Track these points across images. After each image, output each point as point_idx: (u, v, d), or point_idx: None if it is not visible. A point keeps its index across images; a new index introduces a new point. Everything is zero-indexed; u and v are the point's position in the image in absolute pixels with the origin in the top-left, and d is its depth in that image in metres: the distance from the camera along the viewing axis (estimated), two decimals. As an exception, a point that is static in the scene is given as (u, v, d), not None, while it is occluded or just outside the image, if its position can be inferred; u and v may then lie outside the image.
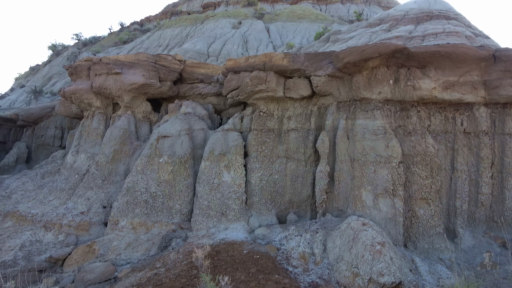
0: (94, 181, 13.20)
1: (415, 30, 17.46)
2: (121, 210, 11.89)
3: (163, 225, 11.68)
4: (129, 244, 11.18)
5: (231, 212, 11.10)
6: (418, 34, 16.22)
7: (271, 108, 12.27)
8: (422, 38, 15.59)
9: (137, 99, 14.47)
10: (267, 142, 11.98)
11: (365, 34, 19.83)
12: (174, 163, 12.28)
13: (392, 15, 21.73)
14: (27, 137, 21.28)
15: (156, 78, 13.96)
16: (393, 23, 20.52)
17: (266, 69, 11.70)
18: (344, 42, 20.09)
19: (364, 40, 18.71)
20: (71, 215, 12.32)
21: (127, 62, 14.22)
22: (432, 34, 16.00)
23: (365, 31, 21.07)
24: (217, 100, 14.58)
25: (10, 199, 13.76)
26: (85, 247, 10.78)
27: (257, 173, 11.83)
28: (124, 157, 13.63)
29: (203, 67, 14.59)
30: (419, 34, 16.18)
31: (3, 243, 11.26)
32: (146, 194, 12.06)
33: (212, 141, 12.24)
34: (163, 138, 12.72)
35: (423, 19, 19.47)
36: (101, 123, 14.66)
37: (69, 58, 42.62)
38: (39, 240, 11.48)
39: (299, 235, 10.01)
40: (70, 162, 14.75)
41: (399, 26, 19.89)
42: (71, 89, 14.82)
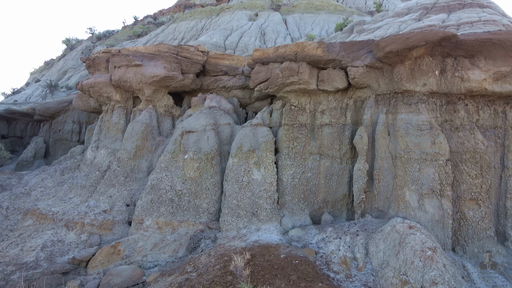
0: (116, 178, 12.66)
1: (448, 19, 16.49)
2: (146, 209, 11.34)
3: (190, 224, 11.10)
4: (155, 244, 10.62)
5: (262, 212, 10.45)
6: (452, 23, 15.28)
7: (302, 102, 11.54)
8: (457, 27, 14.65)
9: (159, 92, 13.86)
10: (299, 137, 11.27)
11: (393, 24, 18.88)
12: (200, 160, 11.66)
13: (421, 4, 20.70)
14: (44, 132, 20.92)
15: (178, 70, 13.32)
16: (423, 12, 19.52)
17: (298, 59, 10.96)
18: (371, 33, 19.18)
19: (393, 30, 17.79)
20: (93, 213, 11.81)
21: (147, 53, 13.60)
22: (467, 23, 15.03)
23: (392, 20, 20.10)
24: (242, 93, 13.89)
25: (29, 196, 13.32)
26: (109, 247, 10.26)
27: (289, 170, 11.13)
28: (146, 153, 13.05)
29: (227, 59, 13.89)
30: (453, 23, 15.24)
31: (24, 243, 10.81)
32: (171, 192, 11.48)
33: (240, 136, 11.58)
34: (188, 133, 12.10)
35: (455, 8, 18.45)
36: (121, 118, 14.10)
37: (83, 52, 42.33)
38: (61, 240, 11.00)
39: (338, 237, 9.31)
40: (90, 158, 14.25)
41: (430, 15, 18.90)
42: (89, 82, 14.28)
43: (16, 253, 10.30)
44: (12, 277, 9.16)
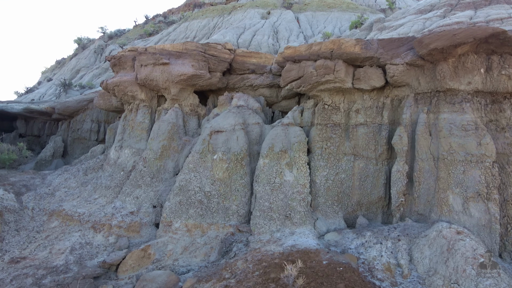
0: (142, 178, 12.40)
1: (476, 16, 15.99)
2: (174, 211, 11.06)
3: (219, 227, 10.79)
4: (185, 248, 10.33)
5: (296, 215, 10.11)
6: (481, 20, 14.79)
7: (336, 101, 11.17)
8: (486, 24, 14.16)
9: (185, 91, 13.57)
10: (332, 138, 10.90)
11: (417, 21, 18.42)
12: (229, 160, 11.34)
13: (445, 1, 20.20)
14: (63, 131, 20.75)
15: (205, 69, 13.01)
16: (447, 9, 19.02)
17: (334, 57, 10.59)
18: (393, 30, 18.73)
19: (417, 27, 17.32)
20: (120, 215, 11.56)
21: (174, 51, 13.31)
22: (496, 19, 14.54)
23: (416, 17, 19.64)
24: (270, 92, 13.55)
25: (54, 196, 13.11)
26: (139, 251, 9.99)
27: (322, 172, 10.78)
28: (172, 153, 12.77)
29: (254, 57, 13.55)
30: (482, 20, 14.75)
31: (52, 245, 10.58)
32: (200, 193, 11.19)
33: (271, 136, 11.24)
34: (216, 133, 11.79)
35: (481, 4, 17.94)
36: (146, 117, 13.83)
37: (96, 51, 42.25)
38: (89, 243, 10.75)
39: (379, 242, 8.93)
40: (114, 158, 14.01)
41: (455, 11, 18.41)
42: (114, 81, 14.03)
43: (45, 256, 10.07)
44: (44, 281, 8.93)
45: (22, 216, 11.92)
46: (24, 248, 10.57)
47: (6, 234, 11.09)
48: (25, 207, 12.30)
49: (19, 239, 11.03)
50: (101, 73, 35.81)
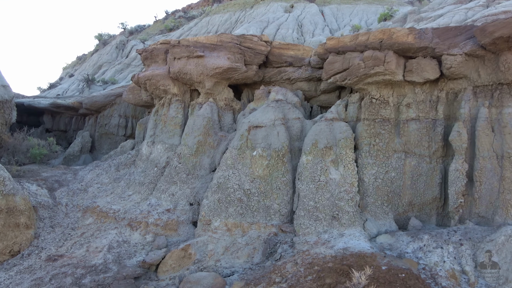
0: (177, 175, 11.99)
1: (524, 5, 14.99)
2: (213, 209, 10.60)
3: (261, 227, 10.29)
4: (227, 248, 9.87)
5: (344, 216, 9.52)
6: (530, 9, 13.82)
7: (384, 94, 10.50)
8: (537, 13, 13.19)
9: (219, 85, 13.09)
10: (381, 134, 10.25)
11: (458, 11, 17.48)
12: (269, 157, 10.82)
13: (486, -10, 19.17)
14: (90, 126, 20.58)
15: (241, 62, 12.50)
16: (489, -2, 18.04)
17: (383, 48, 9.92)
18: (432, 21, 17.85)
19: (459, 17, 16.41)
20: (156, 212, 11.18)
21: (208, 44, 12.83)
22: (546, 8, 13.58)
23: (456, 7, 18.69)
24: (308, 85, 12.95)
25: (86, 192, 12.84)
26: (180, 251, 9.57)
27: (371, 170, 10.15)
28: (208, 149, 12.32)
29: (292, 49, 12.96)
30: (531, 9, 13.77)
31: (88, 243, 10.27)
32: (239, 191, 10.71)
33: (314, 132, 10.66)
34: (255, 128, 11.27)
35: (526, -7, 16.85)
36: (179, 112, 13.41)
37: (117, 46, 42.19)
38: (126, 241, 10.40)
39: (439, 247, 8.28)
40: (146, 154, 13.64)
41: (499, 0, 17.44)
42: (146, 75, 13.64)
43: (83, 254, 9.75)
44: (84, 281, 8.59)
45: (56, 212, 11.66)
46: (60, 246, 10.29)
47: (42, 231, 10.84)
48: (59, 203, 12.05)
49: (54, 236, 10.76)
50: (123, 69, 35.70)
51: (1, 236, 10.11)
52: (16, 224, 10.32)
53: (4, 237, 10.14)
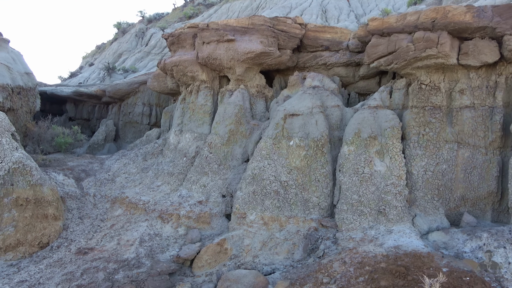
0: (208, 165, 11.44)
1: None
2: (247, 202, 10.04)
3: (299, 221, 9.69)
4: (264, 243, 9.31)
5: (392, 211, 8.81)
6: None
7: (435, 80, 9.65)
8: None
9: (250, 71, 12.41)
10: (431, 122, 9.44)
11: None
12: (308, 147, 10.15)
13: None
14: (113, 114, 20.24)
15: (275, 46, 11.77)
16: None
17: (436, 28, 9.05)
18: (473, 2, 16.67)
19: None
20: (188, 204, 10.68)
21: (239, 27, 12.12)
22: None
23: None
24: (346, 71, 12.16)
25: (114, 182, 12.44)
26: (215, 245, 9.05)
27: (420, 161, 9.38)
28: (240, 138, 11.72)
29: (329, 32, 12.15)
30: None
31: (119, 236, 9.85)
32: (275, 183, 10.09)
33: (356, 120, 9.92)
34: (291, 116, 10.59)
35: None
36: (208, 99, 12.81)
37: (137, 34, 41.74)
38: (158, 234, 9.95)
39: (501, 246, 7.52)
40: (174, 143, 13.14)
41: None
42: (173, 61, 13.05)
43: (114, 247, 9.34)
44: (117, 276, 8.16)
45: (84, 203, 11.30)
46: (90, 238, 9.91)
47: (70, 222, 10.48)
48: (86, 193, 11.68)
49: (83, 227, 10.40)
50: (143, 57, 35.29)
51: (30, 228, 9.78)
52: (44, 215, 9.98)
53: (32, 228, 9.82)
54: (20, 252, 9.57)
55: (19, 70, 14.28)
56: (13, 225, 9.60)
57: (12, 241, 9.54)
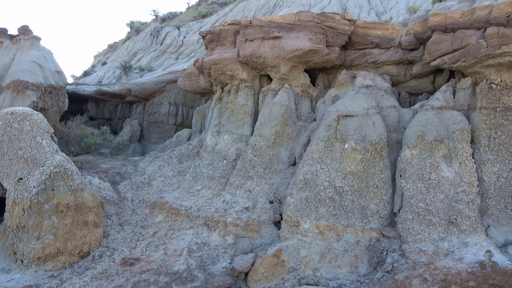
0: (253, 169, 10.80)
1: None
2: (300, 209, 9.39)
3: (357, 230, 9.01)
4: (322, 255, 8.65)
5: (464, 221, 8.11)
6: None
7: (506, 79, 8.94)
8: None
9: (295, 69, 11.76)
10: (503, 125, 8.73)
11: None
12: (364, 150, 9.48)
13: None
14: (138, 114, 19.68)
15: (323, 43, 11.11)
16: None
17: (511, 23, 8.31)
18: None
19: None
20: (234, 211, 10.05)
21: (284, 23, 11.48)
22: None
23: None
24: (397, 69, 11.47)
25: (151, 186, 11.84)
26: (271, 257, 8.41)
27: (491, 167, 8.67)
28: (286, 141, 11.06)
29: (379, 28, 11.46)
30: None
31: (164, 245, 9.24)
32: (330, 189, 9.43)
33: (419, 122, 9.23)
34: (345, 117, 9.92)
35: None
36: (248, 99, 12.18)
37: (152, 33, 41.24)
38: (206, 243, 9.32)
39: None
40: (211, 144, 12.51)
41: None
42: (212, 59, 12.42)
43: (161, 257, 8.72)
44: (171, 290, 7.54)
45: (123, 208, 10.71)
46: (134, 247, 9.31)
47: (110, 229, 9.89)
48: (124, 198, 11.10)
49: (124, 235, 9.80)
50: (158, 56, 34.80)
51: (70, 235, 9.21)
52: (84, 222, 9.40)
53: (72, 236, 9.24)
54: (60, 262, 9.00)
55: (50, 68, 13.75)
56: (52, 233, 9.04)
57: (52, 250, 8.97)
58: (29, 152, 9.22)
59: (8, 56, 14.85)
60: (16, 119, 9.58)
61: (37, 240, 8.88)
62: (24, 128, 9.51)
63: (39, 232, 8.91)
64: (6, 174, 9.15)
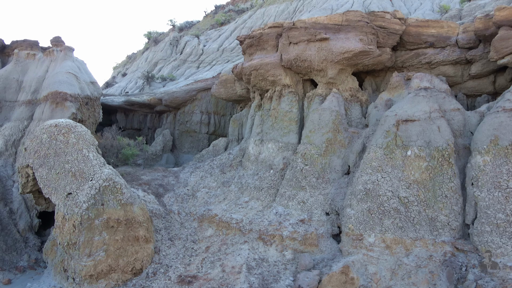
0: (305, 179, 10.25)
1: None
2: (362, 221, 8.78)
3: (427, 244, 8.35)
4: (393, 271, 8.01)
5: (553, 232, 7.37)
6: None
7: None
8: None
9: (342, 73, 11.22)
10: None
11: None
12: (430, 157, 8.84)
13: None
14: (169, 124, 19.36)
15: (374, 44, 10.56)
16: None
17: None
18: None
19: None
20: (289, 223, 9.49)
21: (331, 24, 10.97)
22: None
23: None
24: (453, 70, 10.83)
25: (196, 198, 11.38)
26: (339, 274, 7.82)
27: None
28: (338, 148, 10.49)
29: (433, 26, 10.86)
30: None
31: (220, 261, 8.72)
32: (393, 199, 8.80)
33: (490, 126, 8.55)
34: (405, 122, 9.31)
35: None
36: (293, 105, 11.66)
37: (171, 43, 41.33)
38: (263, 258, 8.77)
39: None
40: (254, 154, 12.01)
41: None
42: (253, 64, 11.97)
43: (219, 275, 8.20)
44: (237, 312, 6.99)
45: (171, 222, 10.26)
46: (188, 263, 8.82)
47: (161, 245, 9.44)
48: (170, 211, 10.65)
49: (176, 250, 9.33)
50: (179, 65, 34.73)
51: (121, 252, 8.79)
52: (135, 237, 8.97)
53: (124, 252, 8.82)
54: (113, 279, 8.57)
55: (85, 79, 13.52)
56: (103, 249, 8.63)
57: (104, 267, 8.55)
58: (77, 166, 8.86)
59: (41, 68, 14.72)
60: (61, 132, 9.25)
61: (89, 257, 8.48)
62: (70, 140, 9.17)
63: (90, 249, 8.50)
64: (54, 189, 8.80)
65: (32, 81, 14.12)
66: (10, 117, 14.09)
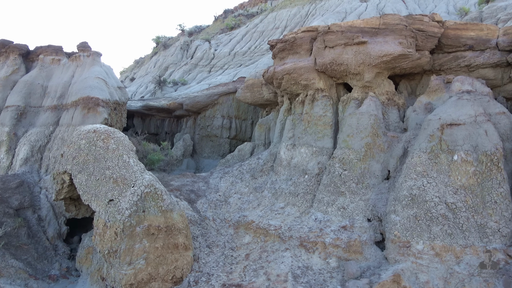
0: (344, 184, 10.03)
1: None
2: (409, 228, 8.55)
3: (478, 251, 8.10)
4: (445, 280, 7.76)
5: None
6: None
7: None
8: None
9: (379, 76, 11.03)
10: None
11: None
12: (477, 162, 8.61)
13: None
14: (189, 128, 19.21)
15: (413, 47, 10.38)
16: None
17: None
18: None
19: None
20: (330, 230, 9.27)
21: (368, 28, 10.80)
22: None
23: None
24: (493, 72, 10.61)
25: (228, 204, 11.18)
26: (390, 283, 7.58)
27: None
28: (378, 153, 10.27)
29: (472, 29, 10.67)
30: None
31: (264, 269, 8.50)
32: (441, 205, 8.57)
33: (541, 130, 8.32)
34: (450, 126, 9.09)
35: None
36: (327, 109, 11.47)
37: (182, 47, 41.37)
38: (308, 266, 8.55)
39: None
40: (286, 158, 11.82)
41: None
42: (286, 69, 11.81)
43: (265, 284, 7.98)
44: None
45: (207, 228, 10.05)
46: (230, 272, 8.60)
47: (199, 252, 9.23)
48: (205, 218, 10.45)
49: (215, 258, 9.12)
50: (191, 69, 34.75)
51: (161, 260, 8.58)
52: (175, 245, 8.77)
53: (163, 260, 8.61)
54: (154, 288, 8.34)
55: (112, 84, 13.40)
56: (143, 257, 8.43)
57: (144, 276, 8.35)
58: (118, 172, 8.68)
59: (67, 73, 14.61)
60: (100, 137, 9.09)
61: (129, 266, 8.27)
62: (110, 146, 9.01)
63: (131, 257, 8.30)
64: (94, 196, 8.62)
65: (57, 86, 14.01)
66: (35, 123, 13.97)
